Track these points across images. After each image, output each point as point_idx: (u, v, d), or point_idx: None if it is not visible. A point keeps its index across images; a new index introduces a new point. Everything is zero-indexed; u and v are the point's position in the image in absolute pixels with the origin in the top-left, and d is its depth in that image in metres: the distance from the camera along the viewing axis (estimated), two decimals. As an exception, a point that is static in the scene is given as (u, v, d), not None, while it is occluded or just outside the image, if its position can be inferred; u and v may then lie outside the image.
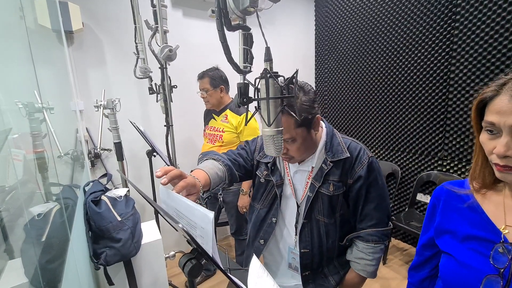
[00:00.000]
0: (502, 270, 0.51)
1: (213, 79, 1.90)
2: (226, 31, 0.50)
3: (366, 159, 0.90)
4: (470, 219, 0.60)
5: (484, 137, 0.53)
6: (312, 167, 0.92)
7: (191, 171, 0.89)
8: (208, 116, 2.10)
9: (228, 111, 1.94)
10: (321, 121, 0.95)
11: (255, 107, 0.58)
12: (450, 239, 0.63)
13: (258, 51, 0.71)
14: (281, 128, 0.57)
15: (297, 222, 0.96)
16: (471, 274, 0.55)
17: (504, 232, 0.54)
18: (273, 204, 1.00)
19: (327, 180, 0.90)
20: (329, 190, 0.90)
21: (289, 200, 0.99)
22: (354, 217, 0.96)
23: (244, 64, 0.54)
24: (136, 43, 1.73)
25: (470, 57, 2.03)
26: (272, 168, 0.99)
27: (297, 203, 0.96)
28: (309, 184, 0.93)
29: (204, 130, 2.12)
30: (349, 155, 0.89)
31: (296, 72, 0.56)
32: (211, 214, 0.46)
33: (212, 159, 0.93)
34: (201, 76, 1.95)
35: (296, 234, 0.97)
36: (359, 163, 0.89)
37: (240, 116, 1.90)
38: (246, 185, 1.93)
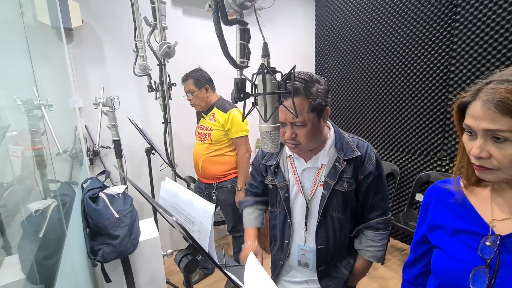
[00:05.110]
0: (489, 261, 0.54)
1: (197, 80, 1.88)
2: (223, 26, 0.49)
3: (374, 155, 0.97)
4: (460, 213, 0.63)
5: (465, 137, 0.57)
6: (323, 164, 0.96)
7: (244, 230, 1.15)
8: (199, 115, 2.11)
9: (215, 109, 1.94)
10: (328, 121, 1.00)
11: (252, 103, 0.58)
12: (441, 234, 0.65)
13: (256, 50, 0.71)
14: (278, 124, 0.56)
15: (306, 219, 1.00)
16: (460, 266, 0.58)
17: (491, 226, 0.57)
18: (287, 205, 1.05)
19: (341, 177, 0.94)
20: (344, 187, 0.94)
21: (297, 199, 1.02)
22: (362, 209, 1.02)
23: (241, 59, 0.54)
24: (135, 41, 1.72)
25: (470, 57, 2.03)
26: (275, 170, 1.03)
27: (306, 201, 0.99)
28: (318, 181, 0.97)
29: (196, 130, 2.13)
30: (360, 154, 0.94)
31: (294, 67, 0.56)
32: (211, 209, 0.46)
33: (249, 206, 1.16)
34: (184, 79, 1.92)
35: (306, 231, 1.01)
36: (368, 160, 0.96)
37: (226, 113, 1.89)
38: (241, 181, 1.94)
